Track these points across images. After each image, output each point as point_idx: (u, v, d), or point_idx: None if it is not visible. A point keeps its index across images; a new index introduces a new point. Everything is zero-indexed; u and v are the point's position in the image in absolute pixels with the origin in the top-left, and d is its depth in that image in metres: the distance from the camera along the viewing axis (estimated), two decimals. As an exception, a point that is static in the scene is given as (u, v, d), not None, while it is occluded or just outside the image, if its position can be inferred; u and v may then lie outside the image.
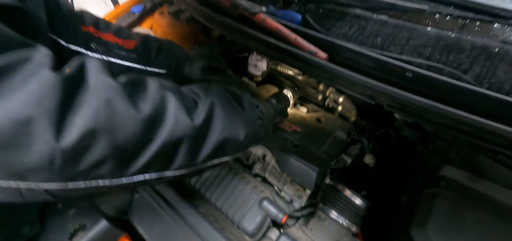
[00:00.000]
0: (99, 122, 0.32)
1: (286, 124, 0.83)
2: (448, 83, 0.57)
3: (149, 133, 0.37)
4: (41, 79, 0.30)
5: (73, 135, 0.31)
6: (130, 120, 0.34)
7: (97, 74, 0.34)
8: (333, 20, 0.79)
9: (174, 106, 0.39)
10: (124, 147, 0.35)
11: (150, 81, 0.41)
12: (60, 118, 0.30)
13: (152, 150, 0.37)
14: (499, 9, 0.65)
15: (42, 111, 0.29)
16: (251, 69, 1.05)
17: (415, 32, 0.69)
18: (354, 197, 0.71)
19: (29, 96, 0.29)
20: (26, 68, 0.30)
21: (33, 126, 0.29)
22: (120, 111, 0.34)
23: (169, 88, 0.42)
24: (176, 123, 0.38)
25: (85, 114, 0.31)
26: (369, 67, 0.65)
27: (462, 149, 0.59)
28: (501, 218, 0.49)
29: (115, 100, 0.34)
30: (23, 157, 0.29)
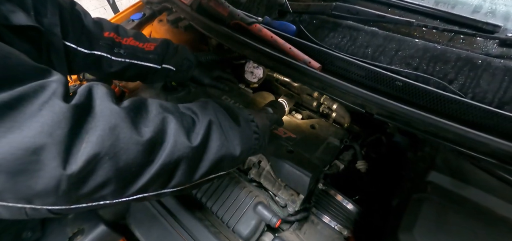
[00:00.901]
0: (104, 147, 0.34)
1: (280, 130, 0.85)
2: (434, 92, 0.60)
3: (149, 156, 0.38)
4: (54, 109, 0.32)
5: (79, 162, 0.32)
6: (133, 145, 0.36)
7: (103, 101, 0.37)
8: (326, 31, 0.82)
9: (174, 128, 0.41)
10: (126, 169, 0.36)
11: (151, 104, 0.43)
12: (69, 146, 0.32)
13: (152, 171, 0.39)
14: (482, 23, 0.69)
15: (53, 140, 0.31)
16: (247, 76, 1.08)
17: (403, 43, 0.73)
18: (346, 202, 0.74)
19: (42, 125, 0.31)
20: (40, 97, 0.32)
21: (44, 154, 0.30)
22: (123, 136, 0.35)
23: (169, 110, 0.44)
24: (175, 145, 0.40)
25: (91, 140, 0.33)
26: (360, 76, 0.68)
27: (448, 156, 0.62)
28: (483, 222, 0.51)
29: (119, 126, 0.36)
30: (32, 183, 0.31)
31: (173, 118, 0.42)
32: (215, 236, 0.70)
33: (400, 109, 0.61)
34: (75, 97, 0.35)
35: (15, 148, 0.29)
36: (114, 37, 0.76)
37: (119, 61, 0.78)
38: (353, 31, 0.79)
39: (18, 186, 0.31)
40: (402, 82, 0.63)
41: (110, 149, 0.34)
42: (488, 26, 0.69)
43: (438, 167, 0.61)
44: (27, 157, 0.30)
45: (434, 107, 0.60)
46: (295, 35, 0.81)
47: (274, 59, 0.78)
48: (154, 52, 0.82)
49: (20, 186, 0.31)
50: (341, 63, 0.71)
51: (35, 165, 0.30)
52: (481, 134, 0.55)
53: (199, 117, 0.47)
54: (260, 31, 0.81)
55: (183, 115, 0.45)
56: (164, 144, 0.40)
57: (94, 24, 0.74)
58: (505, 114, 0.54)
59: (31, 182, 0.31)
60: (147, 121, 0.40)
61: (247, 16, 0.85)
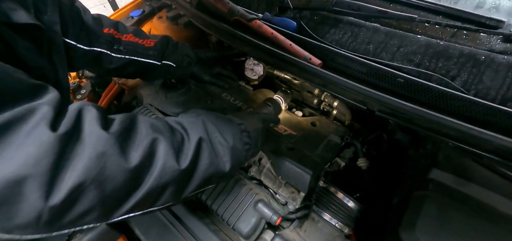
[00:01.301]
0: (90, 176, 0.33)
1: (281, 128, 0.84)
2: (436, 89, 0.59)
3: (136, 181, 0.38)
4: (41, 138, 0.31)
5: (63, 192, 0.31)
6: (120, 172, 0.35)
7: (91, 126, 0.35)
8: (327, 27, 0.81)
9: (163, 150, 0.40)
10: (112, 196, 0.35)
11: (141, 124, 0.42)
12: (53, 176, 0.31)
13: (138, 196, 0.38)
14: (486, 18, 0.68)
15: (37, 171, 0.30)
16: (247, 73, 1.07)
17: (405, 39, 0.72)
18: (347, 199, 0.73)
19: (27, 156, 0.30)
20: (29, 123, 0.31)
21: (26, 186, 0.30)
22: (110, 164, 0.34)
23: (159, 130, 0.43)
24: (163, 169, 0.39)
25: (76, 168, 0.32)
26: (361, 73, 0.67)
27: (450, 153, 0.61)
28: (485, 219, 0.51)
29: (106, 153, 0.34)
30: (12, 215, 0.30)
31: (163, 139, 0.41)
32: (215, 234, 0.70)
33: (402, 106, 0.60)
34: (63, 122, 0.34)
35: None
36: (113, 33, 0.76)
37: (119, 57, 0.77)
38: (354, 27, 0.78)
39: (2, 215, 0.30)
40: (403, 79, 0.62)
41: (96, 178, 0.33)
42: (491, 22, 0.67)
43: (440, 165, 0.60)
44: (8, 189, 0.29)
45: (437, 104, 0.59)
46: (296, 31, 0.80)
47: (274, 55, 0.78)
48: (154, 49, 0.82)
49: (3, 216, 0.30)
50: (342, 60, 0.70)
51: (16, 197, 0.29)
52: (484, 131, 0.54)
53: (189, 134, 0.46)
54: (260, 28, 0.80)
55: (173, 133, 0.45)
56: (152, 168, 0.39)
57: (94, 21, 0.74)
58: (508, 110, 0.53)
59: (11, 214, 0.30)
60: (136, 144, 0.38)
61: (247, 12, 0.84)
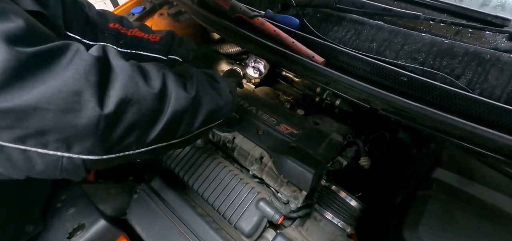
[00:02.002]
0: (128, 93, 0.39)
1: (282, 126, 0.84)
2: (441, 88, 0.58)
3: (161, 105, 0.44)
4: (84, 58, 0.37)
5: (112, 104, 0.37)
6: (149, 94, 0.42)
7: (116, 58, 0.42)
8: (330, 24, 0.81)
9: (173, 82, 0.47)
10: (146, 115, 0.42)
11: (148, 64, 0.48)
12: (101, 90, 0.37)
13: (164, 120, 0.44)
14: (491, 16, 0.67)
15: (89, 84, 0.36)
16: (249, 71, 1.07)
17: (410, 37, 0.71)
18: (349, 198, 0.73)
19: (77, 72, 0.35)
20: (69, 52, 0.36)
21: (83, 95, 0.35)
22: (141, 86, 0.41)
23: (165, 67, 0.49)
24: (178, 96, 0.46)
25: (116, 87, 0.39)
26: (365, 71, 0.66)
27: (454, 152, 0.61)
28: (490, 219, 0.50)
29: (136, 77, 0.41)
30: (76, 121, 0.35)
31: (170, 74, 0.48)
32: (216, 232, 0.70)
33: (406, 105, 0.60)
34: (93, 50, 0.40)
35: (59, 90, 0.34)
36: (119, 28, 0.76)
37: (124, 52, 0.77)
38: (357, 25, 0.77)
39: (65, 123, 0.35)
40: (407, 77, 0.61)
41: (133, 95, 0.40)
42: (497, 20, 0.67)
43: (443, 164, 0.60)
44: (71, 97, 0.34)
45: (441, 103, 0.58)
46: (299, 29, 0.79)
47: (277, 53, 0.77)
48: (159, 43, 0.82)
49: (66, 124, 0.35)
50: (346, 58, 0.69)
51: (77, 105, 0.35)
52: (489, 130, 0.53)
53: (187, 76, 0.53)
54: (263, 25, 0.79)
55: (175, 72, 0.51)
56: (168, 96, 0.45)
57: (99, 16, 0.74)
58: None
59: (75, 121, 0.35)
60: (152, 75, 0.45)
61: (249, 9, 0.83)
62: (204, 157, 0.81)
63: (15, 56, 0.32)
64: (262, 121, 0.85)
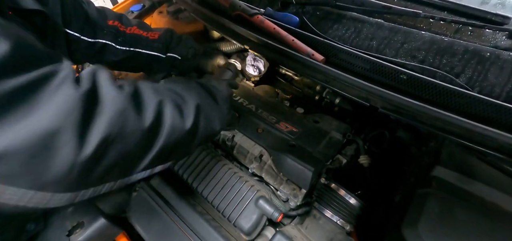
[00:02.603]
0: (114, 130, 0.35)
1: (282, 124, 0.84)
2: (440, 86, 0.58)
3: (151, 139, 0.41)
4: (67, 94, 0.32)
5: (92, 144, 0.33)
6: (138, 129, 0.38)
7: (107, 86, 0.37)
8: (330, 22, 0.80)
9: (170, 111, 0.44)
10: (132, 151, 0.38)
11: (145, 88, 0.44)
12: (83, 130, 0.33)
13: (153, 152, 0.41)
14: (491, 14, 0.67)
15: (69, 124, 0.32)
16: (249, 69, 1.06)
17: (409, 35, 0.71)
18: (348, 196, 0.73)
19: (58, 109, 0.31)
20: (53, 82, 0.32)
21: (59, 138, 0.31)
22: (129, 121, 0.37)
23: (162, 93, 0.45)
24: (172, 129, 0.43)
25: (101, 124, 0.34)
26: (364, 69, 0.66)
27: (454, 150, 0.61)
28: (489, 217, 0.51)
29: (125, 110, 0.37)
30: (45, 168, 0.31)
31: (168, 102, 0.45)
32: (216, 230, 0.70)
33: (405, 103, 0.59)
34: (81, 83, 0.36)
35: (32, 131, 0.30)
36: (118, 25, 0.76)
37: (123, 49, 0.77)
38: (357, 23, 0.77)
39: (35, 169, 0.31)
40: (407, 75, 0.61)
41: (119, 133, 0.36)
42: (497, 18, 0.67)
43: (443, 162, 0.60)
44: (45, 140, 0.30)
45: (440, 101, 0.58)
46: (298, 26, 0.79)
47: (276, 51, 0.77)
48: (158, 41, 0.82)
49: (37, 170, 0.31)
50: (345, 56, 0.69)
51: (50, 149, 0.31)
52: (489, 128, 0.53)
53: (186, 100, 0.50)
54: (262, 23, 0.79)
55: (175, 95, 0.49)
56: (162, 127, 0.42)
57: (98, 13, 0.74)
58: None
59: (45, 167, 0.31)
60: (146, 105, 0.41)
61: (249, 7, 0.83)
62: (203, 155, 0.80)
63: None
64: (262, 119, 0.85)
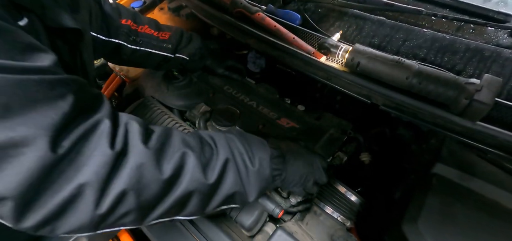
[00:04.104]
0: (130, 184, 0.37)
1: (283, 120, 0.84)
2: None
3: (167, 190, 0.42)
4: (102, 153, 0.36)
5: (110, 200, 0.36)
6: (154, 181, 0.40)
7: (135, 141, 0.40)
8: (332, 20, 0.80)
9: (192, 164, 0.44)
10: (146, 201, 0.40)
11: (175, 137, 0.45)
12: (105, 186, 0.36)
13: (167, 203, 0.42)
14: (493, 12, 0.67)
15: (97, 178, 0.35)
16: (250, 66, 1.07)
17: (411, 33, 0.71)
18: (349, 193, 0.73)
19: (92, 166, 0.35)
20: (95, 135, 0.36)
21: (86, 190, 0.34)
22: (147, 174, 0.39)
23: (189, 145, 0.46)
24: (191, 180, 0.43)
25: (122, 179, 0.37)
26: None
27: (454, 148, 0.61)
28: (489, 214, 0.51)
29: (144, 165, 0.39)
30: (71, 218, 0.35)
31: (192, 154, 0.44)
32: (217, 226, 0.70)
33: (406, 101, 0.60)
34: (117, 140, 0.38)
35: (76, 185, 0.34)
36: (130, 25, 0.76)
37: (134, 49, 0.78)
38: (359, 20, 0.77)
39: (60, 221, 0.35)
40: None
41: (135, 185, 0.38)
42: (499, 16, 0.67)
43: (443, 159, 0.60)
44: (75, 190, 0.34)
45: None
46: (300, 24, 0.79)
47: (277, 48, 0.77)
48: (168, 41, 0.82)
49: (60, 222, 0.35)
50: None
51: (76, 198, 0.34)
52: (489, 126, 0.54)
53: (218, 152, 0.48)
54: (263, 20, 0.79)
55: (203, 148, 0.47)
56: (180, 178, 0.43)
57: (112, 11, 0.74)
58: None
59: (71, 218, 0.35)
60: (169, 157, 0.43)
61: (250, 4, 0.83)
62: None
63: (51, 156, 0.32)
64: (263, 116, 0.85)
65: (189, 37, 0.87)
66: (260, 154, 0.52)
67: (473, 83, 0.51)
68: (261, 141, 0.56)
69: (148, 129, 0.44)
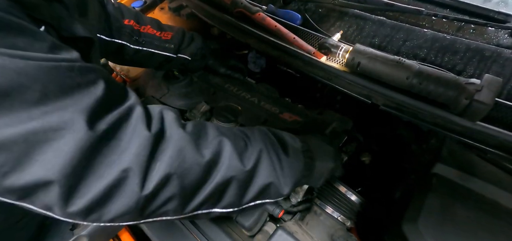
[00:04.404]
0: (173, 167, 0.38)
1: (286, 114, 0.83)
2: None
3: (207, 175, 0.42)
4: (141, 135, 0.36)
5: (154, 182, 0.36)
6: (195, 165, 0.40)
7: (172, 126, 0.41)
8: (332, 20, 0.80)
9: (229, 150, 0.44)
10: (188, 187, 0.40)
11: (210, 127, 0.46)
12: (147, 169, 0.36)
13: (207, 189, 0.42)
14: (494, 12, 0.67)
15: (138, 161, 0.35)
16: (250, 66, 1.07)
17: (412, 33, 0.71)
18: (349, 193, 0.73)
19: (135, 148, 0.35)
20: (131, 120, 0.37)
21: (129, 173, 0.35)
22: (188, 158, 0.40)
23: (224, 134, 0.47)
24: (229, 166, 0.43)
25: (163, 161, 0.38)
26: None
27: (454, 148, 0.61)
28: (489, 214, 0.51)
29: (185, 148, 0.40)
30: (115, 198, 0.35)
31: (228, 141, 0.45)
32: (217, 225, 0.71)
33: (406, 101, 0.60)
34: (153, 123, 0.39)
35: (118, 169, 0.34)
36: (133, 25, 0.77)
37: (136, 49, 0.78)
38: (360, 20, 0.77)
39: (104, 207, 0.35)
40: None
41: (178, 169, 0.38)
42: (499, 16, 0.66)
43: (443, 159, 0.61)
44: (120, 174, 0.34)
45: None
46: (300, 24, 0.79)
47: (278, 48, 0.77)
48: (170, 41, 0.83)
49: (105, 207, 0.35)
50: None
51: (122, 182, 0.35)
52: (489, 126, 0.54)
53: (252, 142, 0.49)
54: (264, 20, 0.79)
55: (236, 138, 0.48)
56: (219, 164, 0.43)
57: (115, 11, 0.74)
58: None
59: (114, 202, 0.35)
60: (207, 143, 0.43)
61: (251, 4, 0.83)
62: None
63: (90, 137, 0.33)
64: (265, 111, 0.85)
65: (190, 37, 0.88)
66: (293, 146, 0.53)
67: (474, 83, 0.51)
68: (291, 135, 0.57)
69: (181, 119, 0.45)
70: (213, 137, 0.44)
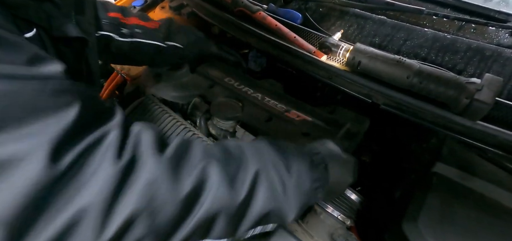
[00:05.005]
0: (141, 205, 0.32)
1: (293, 113, 0.76)
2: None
3: (187, 211, 0.35)
4: (106, 167, 0.31)
5: (115, 225, 0.30)
6: (171, 202, 0.34)
7: (147, 153, 0.34)
8: (333, 19, 0.80)
9: (216, 178, 0.37)
10: (162, 226, 0.34)
11: (195, 148, 0.39)
12: (109, 208, 0.30)
13: (188, 228, 0.36)
14: (494, 12, 0.67)
15: (100, 198, 0.29)
16: (251, 65, 1.07)
17: (412, 32, 0.71)
18: (349, 192, 0.73)
19: (96, 184, 0.30)
20: (99, 151, 0.31)
21: (87, 215, 0.29)
22: (161, 193, 0.33)
23: (213, 155, 0.40)
24: (215, 198, 0.36)
25: (130, 199, 0.31)
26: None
27: (454, 147, 0.61)
28: (490, 214, 0.51)
29: (157, 181, 0.33)
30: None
31: (215, 166, 0.38)
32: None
33: (407, 100, 0.60)
34: (125, 151, 0.33)
35: (79, 209, 0.29)
36: (119, 17, 0.76)
37: (124, 41, 0.77)
38: (360, 20, 0.77)
39: None
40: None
41: (148, 207, 0.32)
42: (500, 15, 0.67)
43: (443, 158, 0.60)
44: (76, 215, 0.29)
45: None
46: (301, 23, 0.79)
47: (278, 47, 0.77)
48: (158, 31, 0.82)
49: None
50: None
51: (76, 227, 0.29)
52: (489, 125, 0.54)
53: (246, 162, 0.41)
54: (265, 19, 0.79)
55: (228, 159, 0.41)
56: (202, 197, 0.36)
57: (99, 5, 0.74)
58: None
59: None
60: (189, 169, 0.36)
61: (252, 3, 0.83)
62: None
63: (50, 173, 0.28)
64: (269, 109, 0.77)
65: (179, 26, 0.86)
66: (298, 163, 0.45)
67: (474, 82, 0.51)
68: (297, 147, 0.48)
69: (164, 139, 0.38)
70: (198, 161, 0.37)
